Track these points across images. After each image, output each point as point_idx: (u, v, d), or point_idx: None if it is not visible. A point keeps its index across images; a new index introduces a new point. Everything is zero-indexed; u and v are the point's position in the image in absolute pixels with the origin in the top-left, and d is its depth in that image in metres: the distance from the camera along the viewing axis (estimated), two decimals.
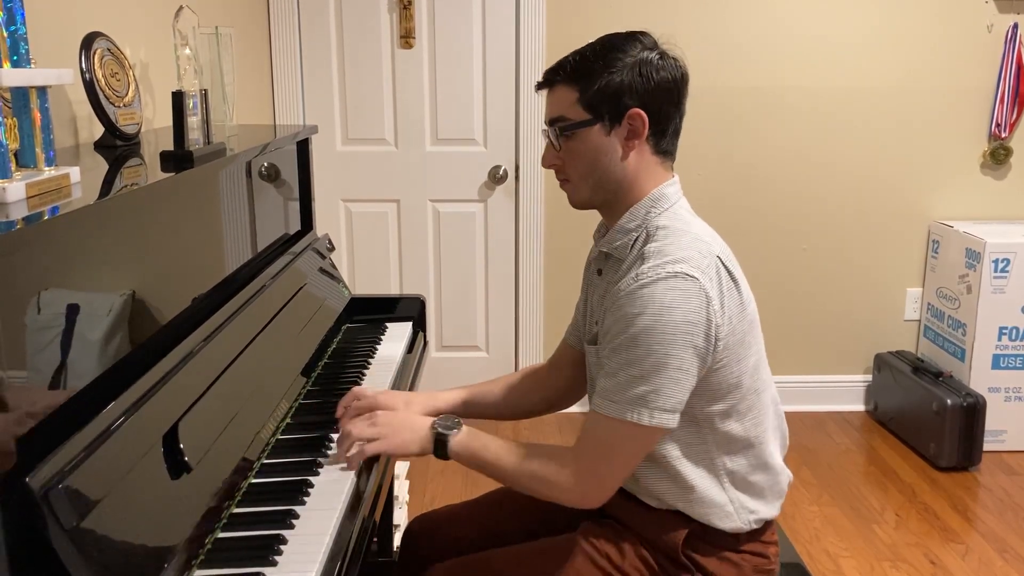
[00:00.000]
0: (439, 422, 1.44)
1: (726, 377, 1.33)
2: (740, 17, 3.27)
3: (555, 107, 1.38)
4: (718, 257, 1.32)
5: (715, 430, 1.37)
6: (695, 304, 1.26)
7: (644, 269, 1.29)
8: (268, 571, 1.14)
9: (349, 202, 3.47)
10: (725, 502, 1.40)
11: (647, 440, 1.32)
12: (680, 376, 1.27)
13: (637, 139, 1.36)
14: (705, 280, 1.27)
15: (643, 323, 1.26)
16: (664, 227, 1.35)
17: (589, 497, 1.34)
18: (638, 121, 1.34)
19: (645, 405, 1.27)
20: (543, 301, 3.52)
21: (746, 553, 1.43)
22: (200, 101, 1.59)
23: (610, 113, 1.34)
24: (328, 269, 2.21)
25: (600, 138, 1.36)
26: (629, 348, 1.27)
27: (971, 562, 2.53)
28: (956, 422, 3.02)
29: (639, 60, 1.34)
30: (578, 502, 1.35)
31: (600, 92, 1.33)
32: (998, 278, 3.09)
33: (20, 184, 1.11)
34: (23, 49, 1.17)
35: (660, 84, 1.34)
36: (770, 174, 3.41)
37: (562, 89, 1.37)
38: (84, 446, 1.03)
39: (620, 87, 1.33)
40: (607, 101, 1.34)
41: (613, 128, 1.35)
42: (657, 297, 1.26)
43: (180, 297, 1.48)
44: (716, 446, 1.39)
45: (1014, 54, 3.28)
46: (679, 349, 1.26)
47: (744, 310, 1.34)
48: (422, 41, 3.33)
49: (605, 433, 1.32)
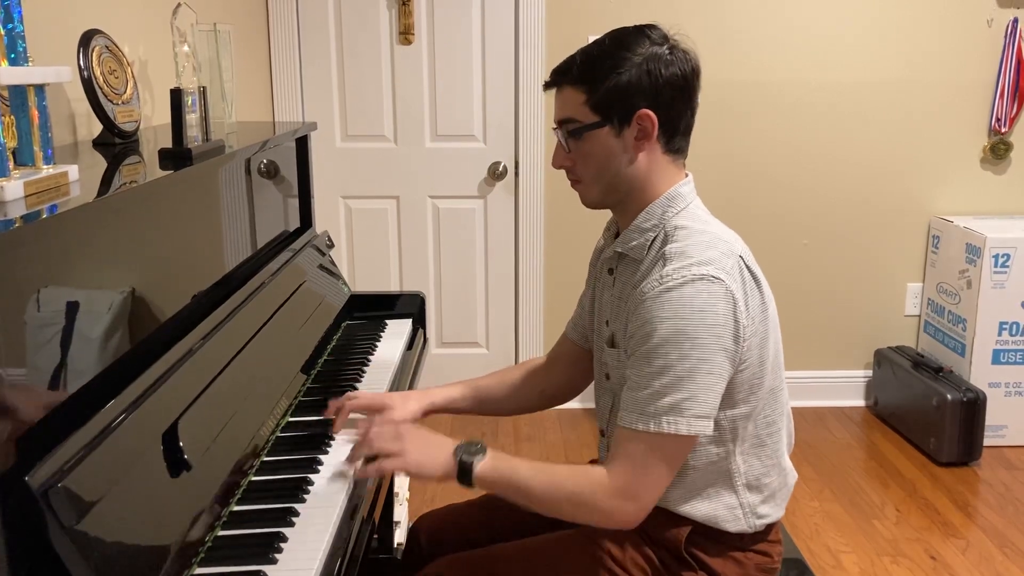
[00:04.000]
0: (462, 448, 1.37)
1: (749, 378, 1.32)
2: (739, 11, 3.27)
3: (563, 108, 1.36)
4: (740, 257, 1.31)
5: (735, 434, 1.36)
6: (723, 307, 1.24)
7: (669, 271, 1.27)
8: (268, 569, 1.14)
9: (348, 199, 3.47)
10: (735, 506, 1.39)
11: (684, 450, 1.29)
12: (713, 381, 1.25)
13: (647, 140, 1.34)
14: (731, 281, 1.26)
15: (672, 328, 1.23)
16: (683, 227, 1.33)
17: (628, 517, 1.30)
18: (647, 122, 1.32)
19: (680, 414, 1.24)
20: (543, 297, 3.52)
21: (750, 552, 1.43)
22: (199, 98, 1.59)
23: (619, 114, 1.32)
24: (328, 266, 2.21)
25: (610, 140, 1.34)
26: (658, 355, 1.25)
27: (971, 557, 2.53)
28: (956, 417, 3.02)
29: (648, 57, 1.31)
30: (617, 523, 1.31)
31: (608, 93, 1.31)
32: (998, 273, 3.09)
33: (18, 182, 1.11)
34: (21, 47, 1.17)
35: (670, 81, 1.31)
36: (770, 169, 3.41)
37: (569, 90, 1.35)
38: (84, 444, 1.03)
39: (628, 87, 1.30)
40: (616, 102, 1.31)
41: (623, 129, 1.33)
42: (686, 301, 1.24)
43: (180, 295, 1.48)
44: (734, 450, 1.37)
45: (1014, 49, 3.27)
46: (711, 353, 1.24)
47: (766, 310, 1.33)
48: (421, 37, 3.32)
49: (640, 449, 1.27)
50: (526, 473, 1.33)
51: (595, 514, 1.30)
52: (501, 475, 1.34)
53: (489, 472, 1.34)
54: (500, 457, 1.36)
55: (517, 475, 1.33)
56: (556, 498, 1.31)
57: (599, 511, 1.30)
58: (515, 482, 1.33)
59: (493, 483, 1.35)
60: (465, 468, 1.34)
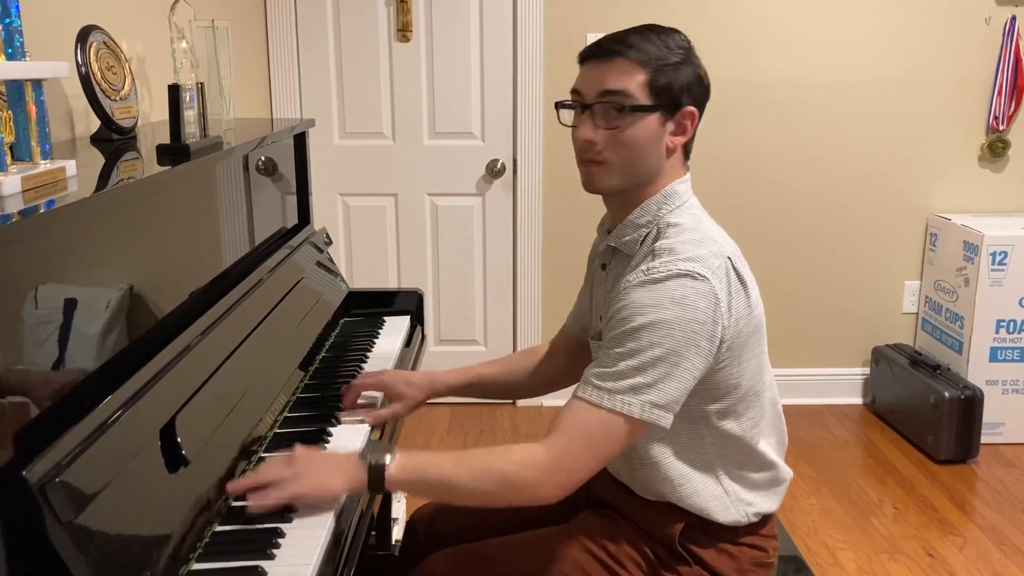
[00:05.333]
0: (367, 451, 1.30)
1: (726, 378, 1.32)
2: (736, 10, 3.27)
3: (618, 79, 1.30)
4: (729, 258, 1.31)
5: (711, 428, 1.37)
6: (704, 304, 1.24)
7: (655, 264, 1.27)
8: (266, 564, 1.14)
9: (347, 196, 3.47)
10: (721, 494, 1.40)
11: (631, 434, 1.26)
12: (679, 374, 1.24)
13: (683, 136, 1.35)
14: (716, 281, 1.26)
15: (649, 317, 1.24)
16: (676, 224, 1.33)
17: (552, 491, 1.25)
18: (689, 120, 1.34)
19: (636, 395, 1.24)
20: (541, 295, 3.52)
21: (744, 546, 1.43)
22: (197, 95, 1.59)
23: (670, 106, 1.32)
24: (326, 263, 2.21)
25: (654, 127, 1.32)
26: (630, 339, 1.24)
27: (968, 554, 2.53)
28: (954, 415, 3.02)
29: (696, 63, 1.35)
30: (539, 496, 1.26)
31: (669, 81, 1.31)
32: (996, 271, 3.09)
33: (16, 178, 1.11)
34: (18, 42, 1.17)
35: (707, 89, 1.36)
36: (767, 168, 3.41)
37: (627, 64, 1.30)
38: (81, 440, 1.03)
39: (684, 82, 1.32)
40: (671, 92, 1.31)
41: (666, 121, 1.33)
42: (667, 293, 1.24)
43: (177, 291, 1.48)
44: (711, 443, 1.38)
45: (1012, 47, 3.27)
46: (682, 347, 1.24)
47: (751, 313, 1.33)
48: (419, 34, 3.32)
49: (587, 421, 1.25)
50: (445, 466, 1.27)
51: (523, 491, 1.25)
52: (418, 470, 1.27)
53: (403, 472, 1.27)
54: (412, 455, 1.29)
55: (436, 468, 1.27)
56: (485, 484, 1.26)
57: (528, 487, 1.24)
58: (435, 476, 1.27)
59: (411, 482, 1.28)
60: (377, 470, 1.26)
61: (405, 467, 1.27)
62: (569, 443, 1.26)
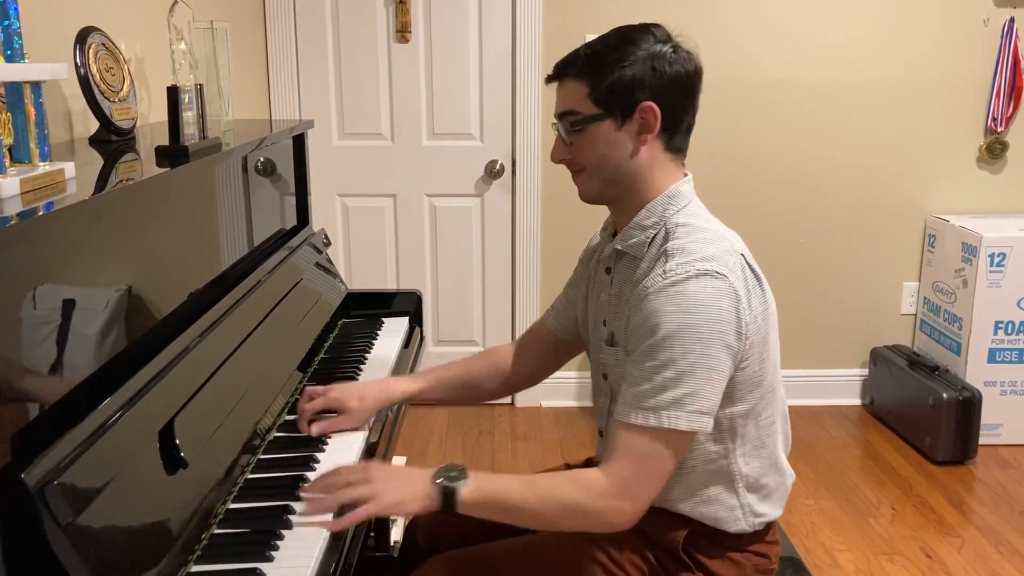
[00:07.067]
0: (441, 474, 1.31)
1: (750, 376, 1.32)
2: (735, 10, 3.27)
3: (565, 101, 1.36)
4: (742, 255, 1.31)
5: (734, 432, 1.36)
6: (727, 303, 1.24)
7: (672, 267, 1.27)
8: (265, 566, 1.14)
9: (345, 197, 3.47)
10: (735, 507, 1.39)
11: (682, 446, 1.28)
12: (715, 376, 1.25)
13: (649, 134, 1.33)
14: (734, 278, 1.26)
15: (676, 323, 1.23)
16: (684, 224, 1.33)
17: (625, 517, 1.27)
18: (650, 115, 1.32)
19: (681, 408, 1.23)
20: (540, 296, 3.52)
21: (748, 553, 1.43)
22: (196, 96, 1.59)
23: (621, 108, 1.32)
24: (324, 264, 2.21)
25: (610, 133, 1.33)
26: (661, 350, 1.24)
27: (967, 555, 2.54)
28: (952, 416, 3.02)
29: (652, 54, 1.31)
30: (614, 524, 1.28)
31: (612, 86, 1.31)
32: (994, 272, 3.09)
33: (14, 179, 1.11)
34: (17, 44, 1.17)
35: (674, 79, 1.32)
36: (765, 168, 3.41)
37: (572, 83, 1.34)
38: (80, 442, 1.03)
39: (632, 81, 1.31)
40: (618, 95, 1.31)
41: (624, 123, 1.33)
42: (690, 296, 1.24)
43: (176, 292, 1.48)
44: (734, 449, 1.37)
45: (1010, 48, 3.28)
46: (714, 349, 1.23)
47: (767, 308, 1.34)
48: (418, 35, 3.32)
49: (639, 444, 1.26)
50: (515, 490, 1.29)
51: (592, 519, 1.28)
52: (487, 496, 1.29)
53: (475, 495, 1.29)
54: (484, 478, 1.30)
55: (506, 494, 1.29)
56: (552, 511, 1.28)
57: (596, 515, 1.27)
58: (504, 502, 1.29)
59: (480, 506, 1.29)
60: (449, 495, 1.29)
61: (477, 489, 1.29)
62: (625, 469, 1.27)
